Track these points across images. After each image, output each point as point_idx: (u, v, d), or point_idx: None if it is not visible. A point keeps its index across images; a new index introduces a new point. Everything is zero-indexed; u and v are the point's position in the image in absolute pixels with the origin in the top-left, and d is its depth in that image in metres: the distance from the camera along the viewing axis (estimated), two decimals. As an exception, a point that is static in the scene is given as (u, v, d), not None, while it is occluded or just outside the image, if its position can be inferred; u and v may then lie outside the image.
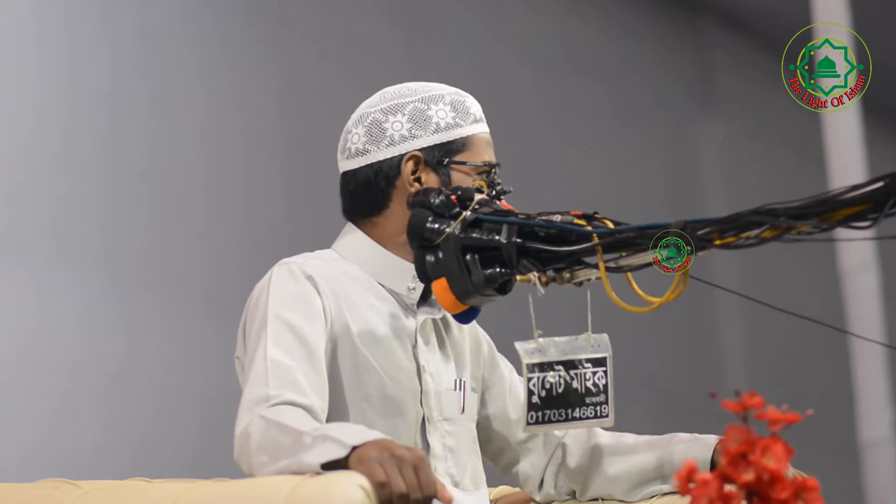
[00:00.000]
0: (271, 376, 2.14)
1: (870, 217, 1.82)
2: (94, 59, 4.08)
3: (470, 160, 2.34)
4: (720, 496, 1.58)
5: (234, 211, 4.35)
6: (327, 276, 2.28)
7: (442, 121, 2.35)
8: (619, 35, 5.97)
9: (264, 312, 2.22)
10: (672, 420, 3.15)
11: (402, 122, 2.35)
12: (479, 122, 2.38)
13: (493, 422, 2.47)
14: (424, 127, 2.35)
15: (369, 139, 2.36)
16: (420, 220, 2.16)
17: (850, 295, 4.65)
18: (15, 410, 3.80)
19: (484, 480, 2.40)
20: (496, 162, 2.36)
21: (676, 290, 1.97)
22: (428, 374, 2.32)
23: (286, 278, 2.26)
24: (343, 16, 4.75)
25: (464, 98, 2.39)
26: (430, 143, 2.34)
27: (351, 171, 2.37)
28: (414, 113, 2.35)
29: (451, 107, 2.36)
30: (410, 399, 2.29)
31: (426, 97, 2.37)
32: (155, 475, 2.33)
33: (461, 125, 2.36)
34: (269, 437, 2.04)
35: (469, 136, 2.36)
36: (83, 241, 3.99)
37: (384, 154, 2.35)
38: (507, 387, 2.48)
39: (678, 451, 2.36)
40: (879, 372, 4.68)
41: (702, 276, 2.02)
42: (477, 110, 2.39)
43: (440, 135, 2.34)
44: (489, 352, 2.49)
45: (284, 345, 2.18)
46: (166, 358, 4.10)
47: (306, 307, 2.23)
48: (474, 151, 2.35)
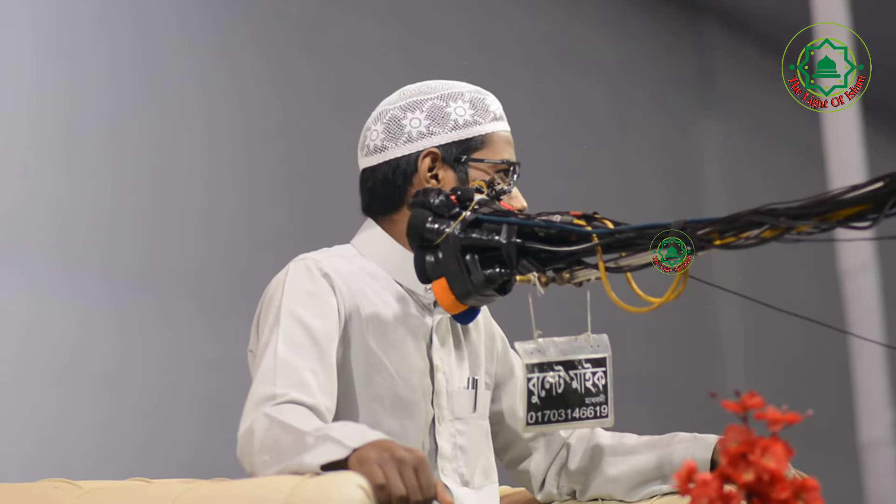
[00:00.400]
0: (279, 374, 2.14)
1: (870, 217, 1.82)
2: (95, 60, 4.08)
3: (488, 157, 2.34)
4: (720, 496, 1.58)
5: (235, 211, 4.35)
6: (344, 274, 2.28)
7: (461, 118, 2.35)
8: (619, 35, 5.97)
9: (278, 308, 2.22)
10: (672, 420, 3.15)
11: (420, 119, 2.35)
12: (498, 121, 2.38)
13: (504, 417, 2.47)
14: (442, 124, 2.34)
15: (388, 136, 2.36)
16: (420, 221, 2.15)
17: (850, 295, 4.65)
18: (15, 410, 3.80)
19: (495, 473, 2.40)
20: (516, 161, 2.36)
21: (676, 290, 1.97)
22: (441, 374, 2.32)
23: (303, 275, 2.25)
24: (343, 16, 4.75)
25: (484, 96, 2.39)
26: (449, 140, 2.34)
27: (370, 168, 2.37)
28: (432, 110, 2.35)
29: (469, 104, 2.36)
30: (421, 399, 2.29)
31: (445, 94, 2.37)
32: (155, 475, 2.33)
33: (480, 122, 2.36)
34: (271, 436, 2.04)
35: (488, 134, 2.35)
36: (83, 242, 3.99)
37: (402, 151, 2.35)
38: (517, 384, 2.48)
39: (678, 451, 2.36)
40: (879, 372, 4.69)
41: (702, 276, 2.02)
42: (497, 108, 2.39)
43: (458, 132, 2.34)
44: (503, 347, 2.49)
45: (295, 343, 2.18)
46: (166, 358, 4.10)
47: (321, 305, 2.23)
48: (493, 149, 2.35)
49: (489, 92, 2.41)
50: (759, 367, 6.23)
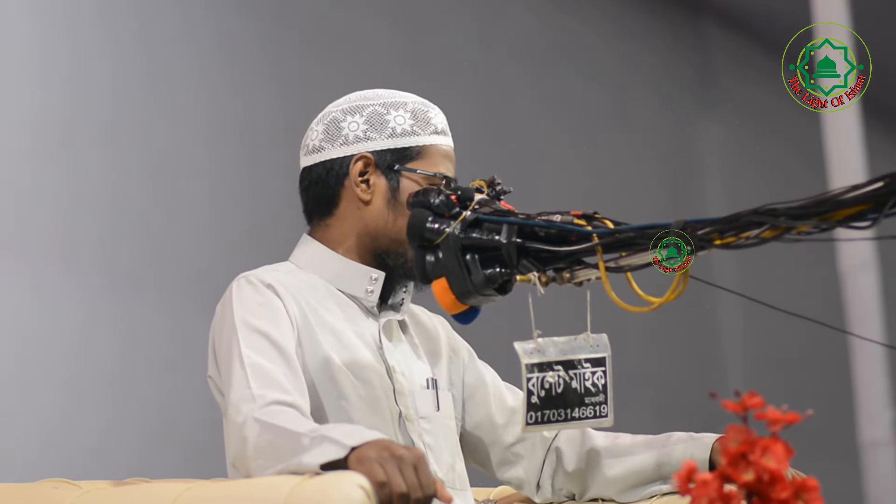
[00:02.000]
0: (252, 379, 2.15)
1: (870, 217, 1.82)
2: (95, 59, 4.08)
3: (422, 169, 2.34)
4: (720, 496, 1.58)
5: (235, 211, 4.35)
6: (287, 285, 2.30)
7: (399, 126, 2.36)
8: (619, 35, 5.97)
9: (232, 324, 2.23)
10: (672, 420, 3.15)
11: (358, 123, 2.36)
12: (439, 135, 2.38)
13: (480, 429, 2.47)
14: (380, 130, 2.35)
15: (325, 137, 2.37)
16: (420, 220, 2.16)
17: (850, 295, 4.65)
18: (15, 410, 3.80)
19: (467, 483, 2.39)
20: (453, 177, 2.35)
21: (676, 290, 1.97)
22: (399, 374, 2.32)
23: (247, 289, 2.28)
24: (343, 16, 4.75)
25: (427, 108, 2.39)
26: (384, 147, 2.35)
27: (307, 167, 2.40)
28: (372, 116, 2.36)
29: (411, 114, 2.37)
30: (384, 397, 2.30)
31: (388, 103, 2.38)
32: (155, 475, 2.33)
33: (418, 133, 2.36)
34: (265, 440, 2.05)
35: (425, 146, 2.35)
36: (84, 241, 3.99)
37: (337, 153, 2.36)
38: (490, 393, 2.48)
39: (676, 451, 2.35)
40: (879, 372, 4.68)
41: (702, 276, 2.02)
42: (439, 122, 2.38)
43: (395, 140, 2.35)
44: (469, 358, 2.49)
45: (258, 348, 2.20)
46: (166, 358, 4.10)
47: (272, 313, 2.25)
48: (429, 161, 2.35)
49: (436, 107, 2.40)
50: (759, 367, 6.23)
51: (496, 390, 2.48)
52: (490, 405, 2.47)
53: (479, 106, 5.11)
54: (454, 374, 2.45)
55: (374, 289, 2.34)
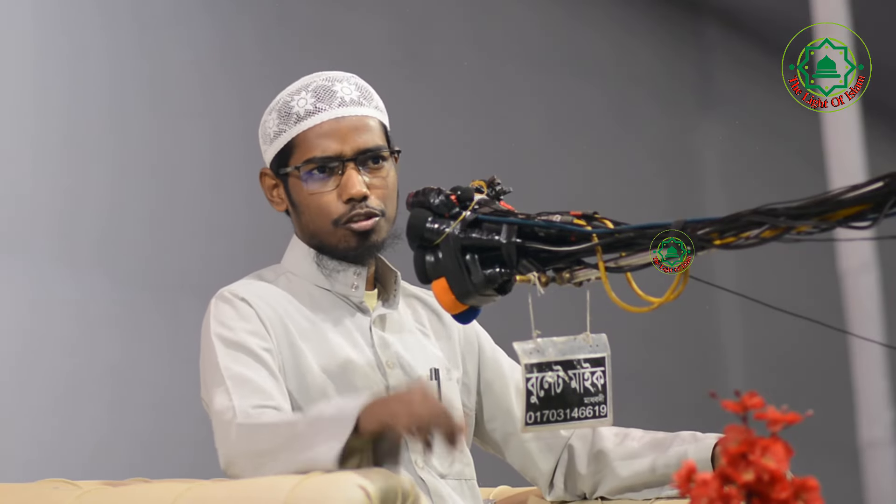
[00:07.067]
0: (234, 390, 2.18)
1: (870, 217, 1.82)
2: (95, 60, 4.08)
3: (293, 163, 2.33)
4: (720, 496, 1.58)
5: (235, 211, 4.35)
6: (263, 295, 2.31)
7: (270, 130, 2.36)
8: (619, 36, 5.97)
9: (209, 341, 2.26)
10: (672, 420, 3.14)
11: (260, 135, 2.38)
12: (303, 119, 2.32)
13: (497, 420, 2.46)
14: (265, 141, 2.37)
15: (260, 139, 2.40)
16: (419, 221, 2.15)
17: (850, 295, 4.65)
18: (15, 410, 3.80)
19: (473, 474, 2.38)
20: (338, 150, 2.30)
21: (676, 290, 1.97)
22: (396, 369, 2.31)
23: (222, 305, 2.29)
24: (343, 16, 4.75)
25: (290, 99, 2.34)
26: (271, 156, 2.37)
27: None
28: (263, 124, 2.37)
29: (277, 114, 2.35)
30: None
31: (269, 108, 2.37)
32: (155, 475, 2.33)
33: (284, 130, 2.34)
34: (262, 440, 2.07)
35: (294, 139, 2.33)
36: (84, 241, 3.99)
37: (267, 157, 2.38)
38: (508, 383, 2.46)
39: (679, 453, 2.35)
40: (879, 372, 4.68)
41: (702, 276, 2.02)
42: (302, 107, 2.32)
43: (274, 145, 2.36)
44: (486, 346, 2.48)
45: (237, 359, 2.22)
46: (166, 358, 4.10)
47: (247, 324, 2.26)
48: (303, 151, 2.32)
49: (308, 86, 2.34)
50: (759, 367, 6.23)
51: (517, 383, 2.46)
52: (509, 396, 2.45)
53: (479, 106, 5.11)
54: (468, 362, 2.44)
55: (359, 284, 2.34)
